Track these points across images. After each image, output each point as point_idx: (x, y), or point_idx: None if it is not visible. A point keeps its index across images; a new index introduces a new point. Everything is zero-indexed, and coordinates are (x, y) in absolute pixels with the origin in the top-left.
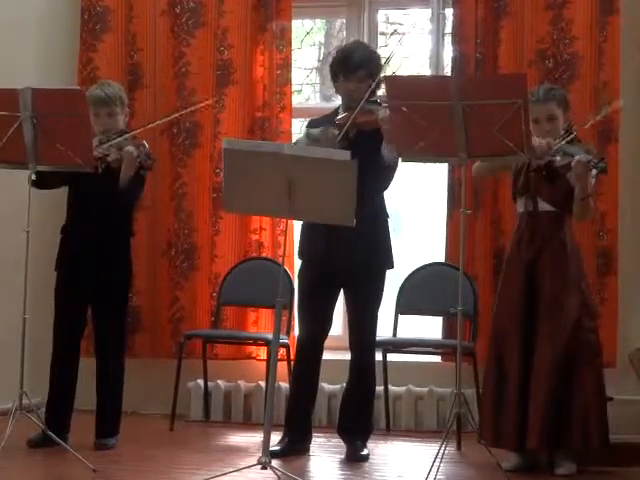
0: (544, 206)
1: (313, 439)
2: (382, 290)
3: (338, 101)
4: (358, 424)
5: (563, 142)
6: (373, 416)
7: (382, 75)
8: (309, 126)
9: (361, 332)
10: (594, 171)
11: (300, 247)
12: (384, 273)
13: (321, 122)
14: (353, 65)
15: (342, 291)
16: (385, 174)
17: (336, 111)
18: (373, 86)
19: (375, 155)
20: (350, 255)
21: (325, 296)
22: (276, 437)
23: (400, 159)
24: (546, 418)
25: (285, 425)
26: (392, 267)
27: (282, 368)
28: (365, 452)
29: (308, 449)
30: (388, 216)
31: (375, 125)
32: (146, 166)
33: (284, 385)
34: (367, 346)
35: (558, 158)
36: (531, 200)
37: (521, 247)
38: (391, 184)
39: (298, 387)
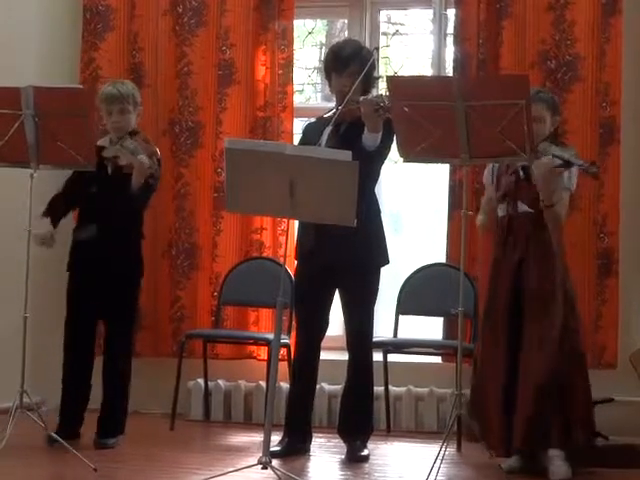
0: (524, 208)
1: (313, 439)
2: (377, 287)
3: None
4: (358, 424)
5: (551, 145)
6: (373, 416)
7: (370, 68)
8: (305, 130)
9: (357, 331)
10: (572, 177)
11: (296, 245)
12: (378, 270)
13: (317, 124)
14: (343, 60)
15: (337, 289)
16: (368, 162)
17: (331, 111)
18: (359, 79)
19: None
20: (341, 251)
21: (320, 297)
22: (276, 437)
23: (387, 150)
24: (532, 417)
25: (285, 425)
26: (387, 263)
27: (283, 368)
28: (365, 452)
29: (308, 449)
30: (380, 211)
31: (357, 112)
32: (157, 176)
33: (285, 385)
34: (364, 345)
35: (544, 159)
36: (511, 202)
37: (507, 249)
38: (379, 175)
39: (297, 387)
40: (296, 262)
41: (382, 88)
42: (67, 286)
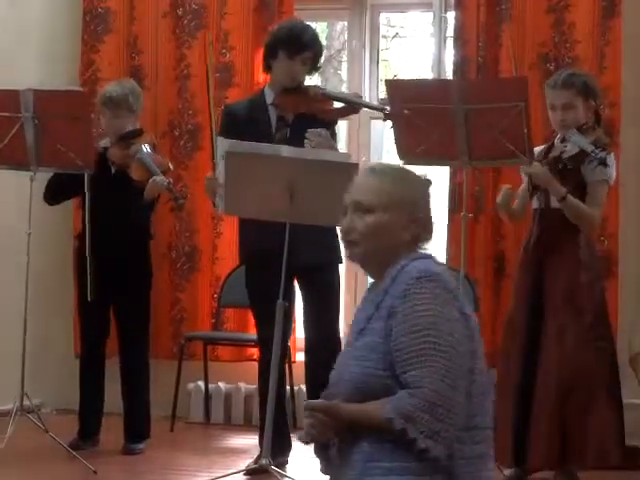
0: (556, 203)
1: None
2: (339, 285)
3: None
4: None
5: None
6: None
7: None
8: (229, 112)
9: (328, 331)
10: (608, 167)
11: (250, 243)
12: (338, 268)
13: (246, 106)
14: (303, 45)
15: (300, 289)
16: None
17: (262, 91)
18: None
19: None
20: (309, 250)
21: (291, 297)
22: None
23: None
24: (551, 435)
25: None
26: (342, 262)
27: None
28: None
29: (286, 462)
30: None
31: (330, 116)
32: (181, 197)
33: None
34: (334, 344)
35: (568, 147)
36: (542, 195)
37: (529, 246)
38: None
39: (271, 404)
40: (250, 260)
41: (381, 91)
42: (77, 290)
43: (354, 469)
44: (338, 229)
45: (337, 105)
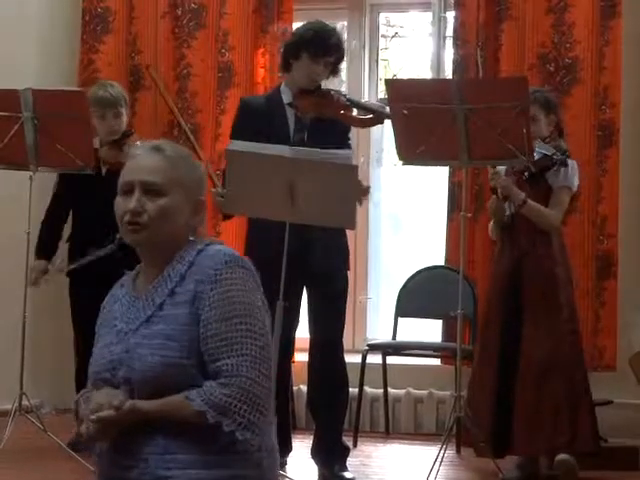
0: None
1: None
2: (347, 291)
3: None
4: (334, 444)
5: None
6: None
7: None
8: (246, 106)
9: (331, 336)
10: (570, 174)
11: (259, 244)
12: (347, 275)
13: (263, 102)
14: (328, 48)
15: (308, 295)
16: None
17: (278, 90)
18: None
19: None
20: (320, 255)
21: (295, 294)
22: None
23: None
24: (531, 423)
25: None
26: (349, 268)
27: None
28: (350, 476)
29: (286, 462)
30: None
31: (353, 123)
32: None
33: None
34: (337, 351)
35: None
36: (512, 202)
37: (505, 249)
38: None
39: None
40: (259, 259)
41: (381, 91)
42: (69, 290)
43: (148, 463)
44: (347, 231)
45: (356, 113)
